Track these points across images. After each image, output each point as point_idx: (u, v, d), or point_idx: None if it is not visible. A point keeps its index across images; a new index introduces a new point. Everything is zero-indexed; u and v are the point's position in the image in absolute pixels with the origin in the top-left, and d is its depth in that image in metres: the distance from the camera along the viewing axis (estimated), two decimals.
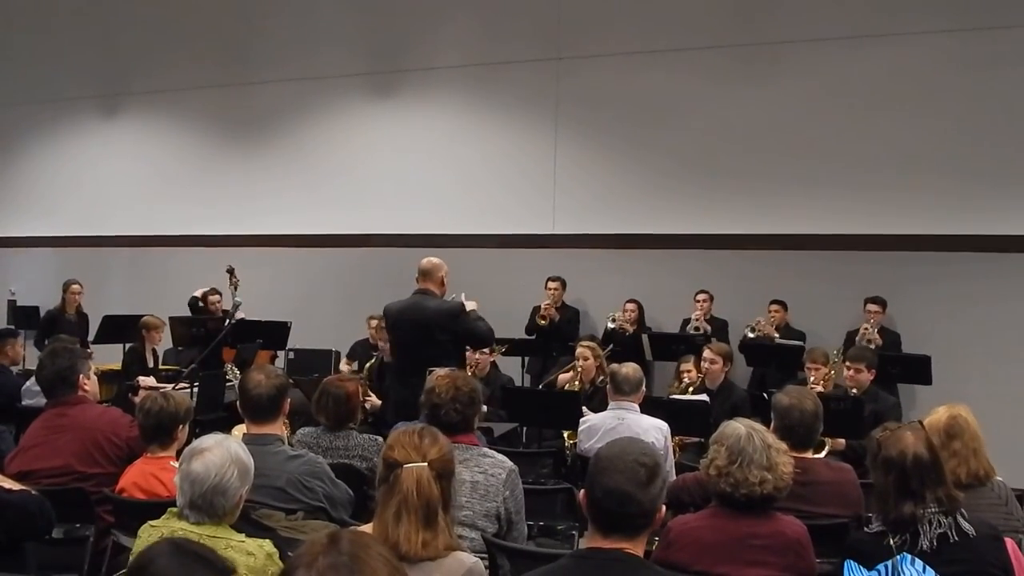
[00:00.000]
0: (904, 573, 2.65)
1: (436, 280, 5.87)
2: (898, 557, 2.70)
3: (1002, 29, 8.16)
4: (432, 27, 10.30)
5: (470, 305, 5.80)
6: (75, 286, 9.82)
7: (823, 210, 8.61)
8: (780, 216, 8.78)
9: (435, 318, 5.65)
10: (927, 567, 2.67)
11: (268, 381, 3.71)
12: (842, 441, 5.43)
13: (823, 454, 4.70)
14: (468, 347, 6.11)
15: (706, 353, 6.78)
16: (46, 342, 8.92)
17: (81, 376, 4.11)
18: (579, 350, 7.00)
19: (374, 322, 8.72)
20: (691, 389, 6.67)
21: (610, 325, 8.70)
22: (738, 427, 3.04)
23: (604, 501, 2.40)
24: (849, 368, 6.07)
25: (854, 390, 6.07)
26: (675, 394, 6.96)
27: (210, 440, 2.79)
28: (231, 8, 11.24)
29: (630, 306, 8.88)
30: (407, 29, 10.42)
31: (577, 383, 6.90)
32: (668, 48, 9.24)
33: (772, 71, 8.90)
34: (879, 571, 2.71)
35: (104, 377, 7.02)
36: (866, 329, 7.90)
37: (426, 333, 5.61)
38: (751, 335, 8.26)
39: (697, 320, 8.53)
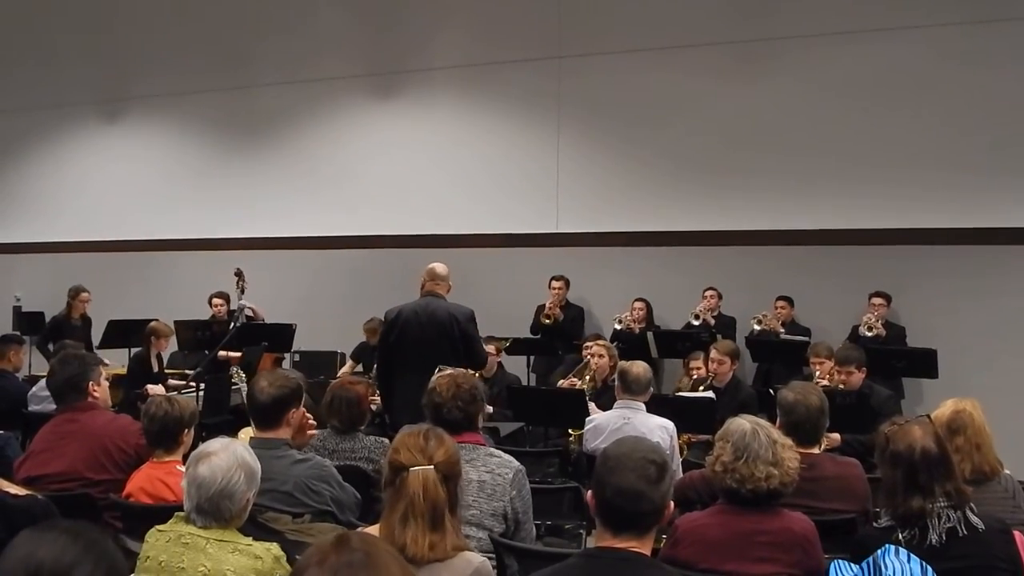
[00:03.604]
0: (886, 566, 2.63)
1: (446, 285, 5.92)
2: (879, 551, 2.68)
3: (1002, 22, 8.15)
4: (433, 28, 10.31)
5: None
6: (84, 293, 9.81)
7: (828, 206, 8.61)
8: (784, 212, 8.77)
9: (451, 318, 5.69)
10: (911, 557, 2.65)
11: (269, 388, 3.69)
12: (837, 437, 5.41)
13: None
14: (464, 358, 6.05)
15: (712, 353, 6.76)
16: (50, 347, 8.96)
17: (91, 383, 4.12)
18: (594, 348, 7.00)
19: (371, 325, 8.74)
20: (701, 387, 6.64)
21: (616, 326, 8.69)
22: (743, 423, 3.04)
23: (616, 500, 2.40)
24: (840, 372, 6.03)
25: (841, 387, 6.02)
26: (683, 390, 6.96)
27: (216, 444, 2.79)
28: (232, 12, 11.24)
29: (638, 305, 8.88)
30: (408, 30, 10.42)
31: (588, 382, 6.88)
32: (669, 46, 9.23)
33: (774, 67, 8.90)
34: (863, 568, 2.69)
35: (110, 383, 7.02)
36: (868, 318, 7.89)
37: (441, 332, 5.65)
38: (757, 328, 8.28)
39: (702, 313, 8.52)
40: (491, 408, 6.42)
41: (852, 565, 2.73)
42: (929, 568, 2.61)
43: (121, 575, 1.82)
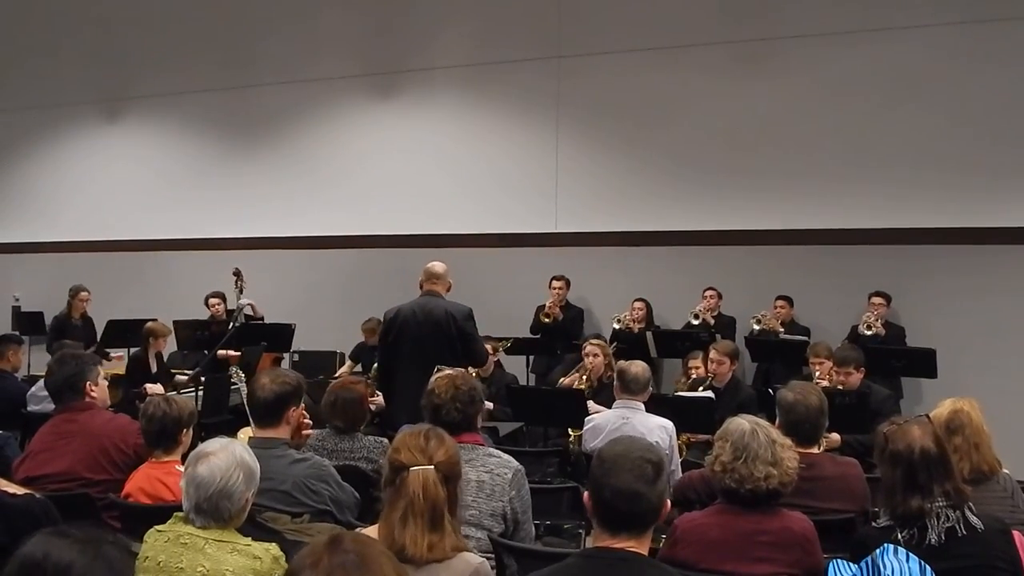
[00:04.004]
0: (884, 566, 2.63)
1: (445, 284, 5.91)
2: (878, 551, 2.68)
3: (1001, 22, 8.15)
4: (433, 28, 10.31)
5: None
6: (84, 293, 9.93)
7: (827, 205, 8.61)
8: (784, 212, 8.78)
9: (447, 316, 5.68)
10: (911, 556, 2.65)
11: (271, 384, 3.68)
12: (836, 437, 5.40)
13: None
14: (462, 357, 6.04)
15: (712, 353, 6.75)
16: (54, 347, 8.98)
17: (88, 383, 4.11)
18: (588, 347, 7.02)
19: (369, 325, 8.78)
20: (700, 388, 6.64)
21: (615, 326, 8.69)
22: (742, 423, 3.04)
23: (614, 501, 2.40)
24: (839, 373, 6.03)
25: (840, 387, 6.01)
26: (682, 390, 6.96)
27: (215, 444, 2.78)
28: (232, 11, 11.24)
29: (638, 304, 8.87)
30: (408, 30, 10.42)
31: (585, 382, 6.89)
32: (669, 45, 9.23)
33: (774, 67, 8.90)
34: (861, 568, 2.69)
35: (109, 382, 7.03)
36: (868, 316, 7.90)
37: (439, 330, 5.64)
38: (756, 327, 8.28)
39: (701, 313, 8.52)
40: (491, 404, 6.44)
41: (851, 564, 2.73)
42: (928, 568, 2.61)
43: None
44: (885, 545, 2.69)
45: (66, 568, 1.77)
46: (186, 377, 7.74)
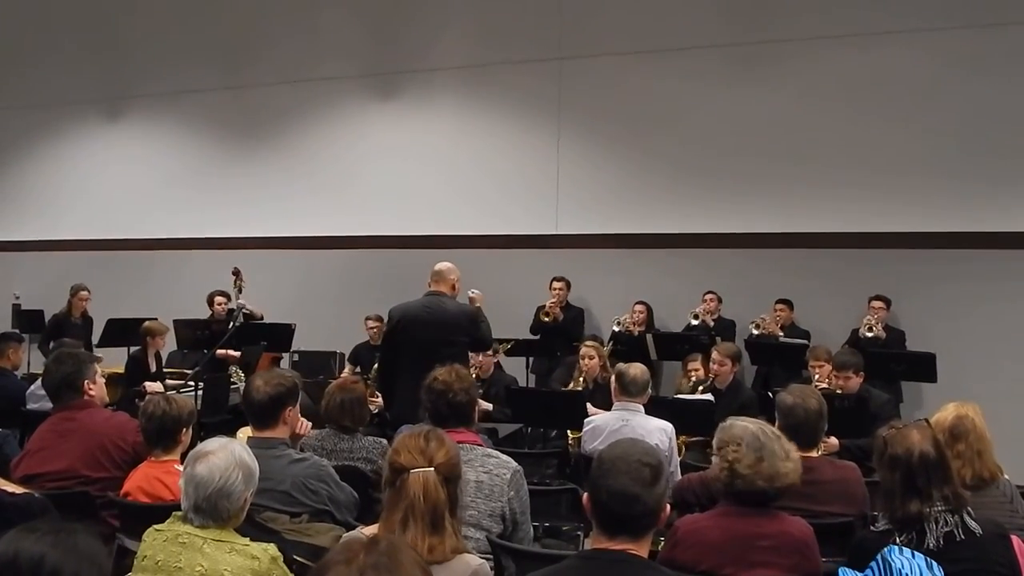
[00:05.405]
0: (894, 563, 2.63)
1: (449, 283, 5.89)
2: (886, 549, 2.68)
3: (1003, 27, 8.15)
4: (434, 29, 10.31)
5: (476, 294, 6.13)
6: (84, 292, 9.93)
7: (828, 209, 8.61)
8: (784, 215, 8.77)
9: (455, 319, 5.68)
10: (916, 554, 2.65)
11: (265, 387, 3.68)
12: (835, 442, 5.39)
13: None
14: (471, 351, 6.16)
15: (714, 355, 6.75)
16: (51, 345, 8.97)
17: (86, 381, 4.12)
18: (583, 350, 7.05)
19: (371, 323, 8.80)
20: (700, 388, 6.65)
21: (615, 328, 8.69)
22: (747, 424, 3.03)
23: (611, 503, 2.40)
24: (838, 377, 6.02)
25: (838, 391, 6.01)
26: (683, 390, 6.97)
27: (214, 443, 2.78)
28: (233, 11, 11.25)
29: (639, 307, 8.87)
30: (409, 31, 10.42)
31: (581, 382, 6.91)
32: (670, 47, 9.24)
33: (775, 70, 8.90)
34: (872, 568, 2.69)
35: (108, 381, 7.02)
36: (868, 320, 7.89)
37: (444, 333, 5.64)
38: (755, 332, 8.26)
39: (701, 314, 8.51)
40: (490, 406, 6.45)
41: (858, 574, 2.73)
42: (935, 564, 2.62)
43: (95, 570, 1.90)
44: (891, 546, 2.70)
45: (39, 561, 1.82)
46: (177, 381, 7.73)
